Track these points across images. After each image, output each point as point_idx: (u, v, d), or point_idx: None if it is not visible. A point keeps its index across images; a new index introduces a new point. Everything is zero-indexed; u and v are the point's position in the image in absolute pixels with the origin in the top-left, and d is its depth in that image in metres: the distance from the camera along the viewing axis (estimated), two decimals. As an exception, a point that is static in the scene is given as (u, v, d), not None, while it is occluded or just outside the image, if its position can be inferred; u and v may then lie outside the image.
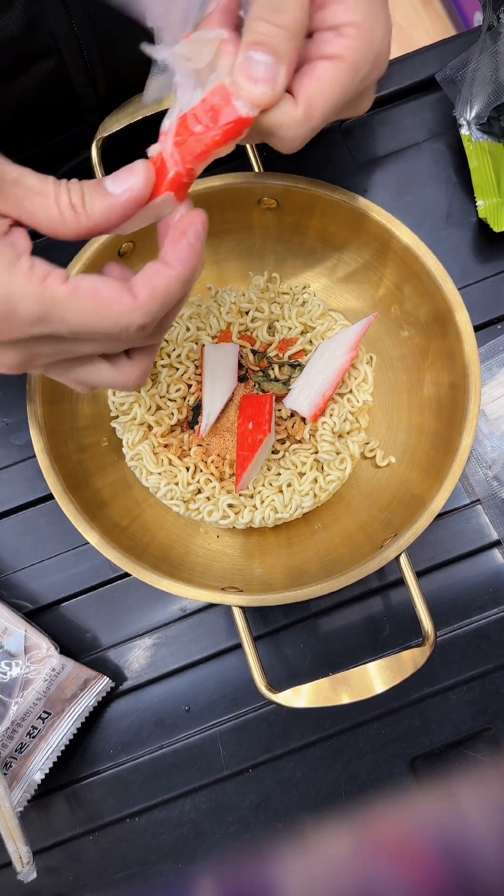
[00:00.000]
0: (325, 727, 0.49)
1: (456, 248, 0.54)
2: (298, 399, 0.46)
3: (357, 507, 0.48)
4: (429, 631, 0.40)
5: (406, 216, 0.54)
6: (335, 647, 0.50)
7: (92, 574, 0.51)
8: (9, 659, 0.47)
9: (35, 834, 0.48)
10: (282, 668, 0.50)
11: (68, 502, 0.41)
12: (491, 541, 0.51)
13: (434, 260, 0.43)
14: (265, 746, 0.49)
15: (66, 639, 0.50)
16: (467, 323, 0.42)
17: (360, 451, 0.49)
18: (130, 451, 0.48)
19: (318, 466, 0.48)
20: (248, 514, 0.47)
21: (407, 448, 0.48)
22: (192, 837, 0.48)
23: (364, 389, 0.50)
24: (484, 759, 0.48)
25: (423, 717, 0.49)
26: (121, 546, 0.41)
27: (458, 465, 0.41)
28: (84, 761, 0.49)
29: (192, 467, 0.47)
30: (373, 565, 0.40)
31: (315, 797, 0.49)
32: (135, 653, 0.50)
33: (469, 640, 0.50)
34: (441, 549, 0.51)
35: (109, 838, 0.49)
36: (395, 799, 0.48)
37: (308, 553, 0.47)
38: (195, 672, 0.50)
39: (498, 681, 0.49)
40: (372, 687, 0.39)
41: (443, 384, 0.45)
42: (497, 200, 0.52)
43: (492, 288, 0.53)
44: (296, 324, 0.49)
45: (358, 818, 0.48)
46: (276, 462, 0.48)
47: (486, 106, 0.52)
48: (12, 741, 0.46)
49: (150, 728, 0.50)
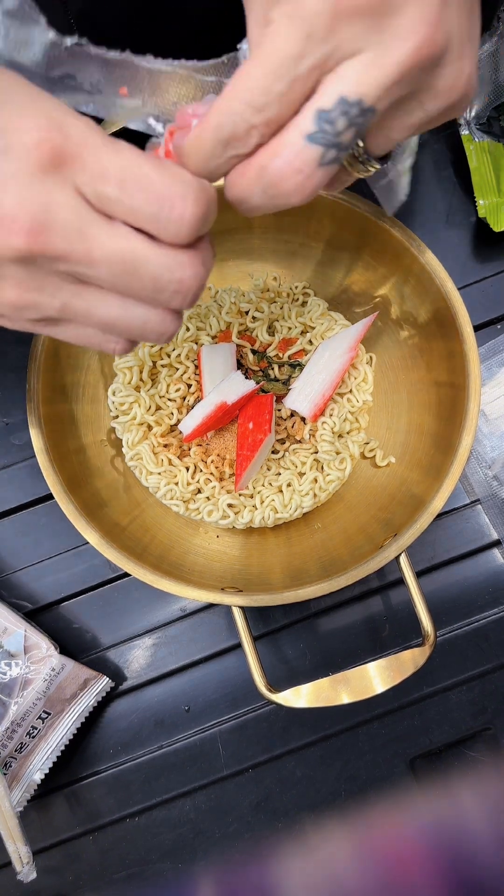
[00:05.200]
0: (325, 727, 0.49)
1: (456, 247, 0.54)
2: (298, 399, 0.46)
3: (357, 507, 0.48)
4: (429, 631, 0.40)
5: (406, 216, 0.54)
6: (335, 647, 0.50)
7: (92, 574, 0.51)
8: (8, 659, 0.47)
9: (35, 834, 0.48)
10: (282, 668, 0.50)
11: (68, 502, 0.41)
12: (491, 540, 0.51)
13: (434, 259, 0.43)
14: (265, 746, 0.49)
15: (65, 639, 0.50)
16: (467, 323, 0.42)
17: (359, 451, 0.49)
18: (130, 451, 0.48)
19: (317, 466, 0.48)
20: (248, 514, 0.47)
21: (407, 448, 0.48)
22: (192, 837, 0.48)
23: (364, 389, 0.50)
24: (483, 758, 0.48)
25: (422, 716, 0.49)
26: (120, 546, 0.41)
27: (458, 465, 0.41)
28: (84, 761, 0.49)
29: (192, 467, 0.47)
30: (373, 565, 0.40)
31: (315, 797, 0.49)
32: (134, 653, 0.50)
33: (469, 639, 0.50)
34: (441, 548, 0.51)
35: (109, 838, 0.49)
36: (395, 799, 0.48)
37: (308, 553, 0.47)
38: (195, 672, 0.50)
39: (498, 681, 0.49)
40: (372, 687, 0.39)
41: (442, 384, 0.45)
42: (497, 200, 0.52)
43: (491, 288, 0.53)
44: (295, 324, 0.49)
45: (358, 818, 0.48)
46: (276, 462, 0.48)
47: (486, 106, 0.52)
48: (12, 741, 0.46)
49: (149, 728, 0.50)
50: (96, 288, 0.25)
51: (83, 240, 0.23)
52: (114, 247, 0.24)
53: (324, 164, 0.24)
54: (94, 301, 0.25)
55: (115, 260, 0.24)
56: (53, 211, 0.23)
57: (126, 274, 0.24)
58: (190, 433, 0.44)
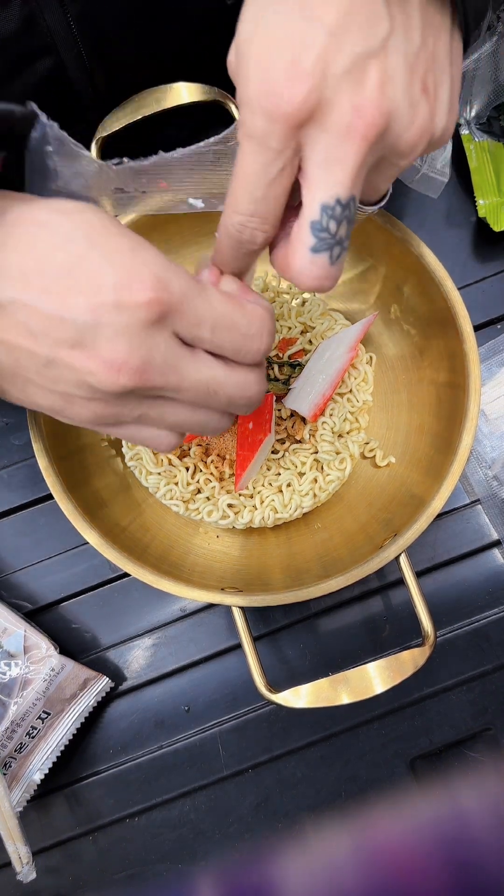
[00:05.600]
0: (325, 727, 0.49)
1: (456, 247, 0.54)
2: (298, 399, 0.46)
3: (357, 507, 0.48)
4: (429, 631, 0.40)
5: (406, 216, 0.54)
6: (335, 648, 0.50)
7: (91, 574, 0.51)
8: (8, 659, 0.47)
9: (34, 834, 0.48)
10: (282, 669, 0.50)
11: (68, 502, 0.41)
12: (491, 541, 0.51)
13: (434, 259, 0.43)
14: (265, 747, 0.49)
15: (65, 639, 0.50)
16: (467, 322, 0.42)
17: (359, 451, 0.49)
18: (130, 451, 0.48)
19: (317, 466, 0.48)
20: (248, 514, 0.47)
21: (407, 448, 0.48)
22: (192, 838, 0.48)
23: (364, 389, 0.49)
24: (484, 759, 0.48)
25: (422, 717, 0.49)
26: (120, 546, 0.41)
27: (458, 465, 0.41)
28: (83, 761, 0.49)
29: (192, 467, 0.47)
30: (373, 565, 0.40)
31: (315, 797, 0.49)
32: (134, 653, 0.50)
33: (469, 640, 0.50)
34: (441, 549, 0.51)
35: (109, 838, 0.49)
36: (395, 799, 0.48)
37: (308, 553, 0.47)
38: (195, 672, 0.50)
39: (498, 681, 0.49)
40: (372, 687, 0.39)
41: (443, 384, 0.45)
42: (497, 200, 0.52)
43: (492, 287, 0.53)
44: (295, 323, 0.49)
45: (358, 818, 0.48)
46: (276, 462, 0.48)
47: (486, 106, 0.52)
48: (12, 741, 0.46)
49: (149, 728, 0.50)
50: (171, 399, 0.29)
51: (175, 372, 0.27)
52: (199, 376, 0.28)
53: (334, 262, 0.28)
54: (167, 410, 0.29)
55: (200, 387, 0.28)
56: (155, 354, 0.26)
57: (207, 396, 0.29)
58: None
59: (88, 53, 0.41)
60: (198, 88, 0.41)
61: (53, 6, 0.38)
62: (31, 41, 0.39)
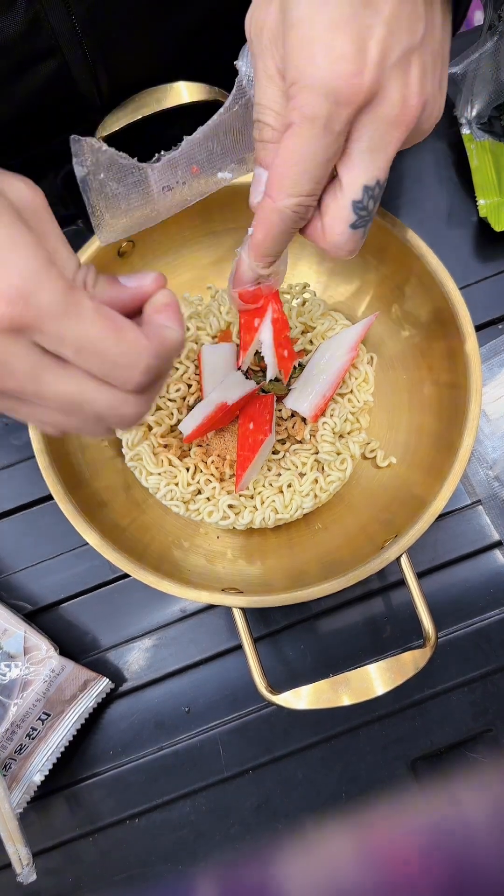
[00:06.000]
0: (326, 728, 0.49)
1: (457, 247, 0.54)
2: (299, 399, 0.46)
3: (358, 507, 0.48)
4: (430, 632, 0.40)
5: (407, 215, 0.54)
6: (336, 649, 0.49)
7: (92, 575, 0.51)
8: (8, 660, 0.47)
9: (35, 835, 0.48)
10: (282, 670, 0.49)
11: (68, 503, 0.41)
12: (492, 541, 0.50)
13: (435, 259, 0.43)
14: (265, 748, 0.49)
15: (65, 640, 0.50)
16: (468, 322, 0.42)
17: (360, 452, 0.49)
18: (130, 452, 0.48)
19: (318, 467, 0.48)
20: (249, 514, 0.46)
21: (408, 448, 0.48)
22: (193, 839, 0.48)
23: (365, 389, 0.49)
24: (484, 760, 0.48)
25: (423, 718, 0.49)
26: (121, 547, 0.41)
27: (460, 466, 0.41)
28: (84, 763, 0.49)
29: (192, 468, 0.47)
30: (373, 566, 0.40)
31: (316, 798, 0.48)
32: (134, 654, 0.50)
33: (470, 641, 0.49)
34: (442, 549, 0.50)
35: (109, 840, 0.48)
36: (396, 800, 0.48)
37: (308, 554, 0.46)
38: (195, 673, 0.50)
39: (499, 682, 0.49)
40: (372, 688, 0.39)
41: (443, 384, 0.45)
42: (498, 200, 0.52)
43: (493, 287, 0.53)
44: (296, 324, 0.49)
45: (359, 819, 0.48)
46: (277, 462, 0.48)
47: (486, 105, 0.52)
48: (12, 742, 0.46)
49: (149, 729, 0.49)
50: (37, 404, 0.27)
51: (33, 382, 0.26)
52: (63, 388, 0.26)
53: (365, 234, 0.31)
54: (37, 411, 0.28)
55: (64, 399, 0.27)
56: (10, 360, 0.25)
57: (73, 407, 0.27)
58: (190, 433, 0.44)
59: (92, 54, 0.41)
60: (198, 88, 0.41)
61: (58, 8, 0.38)
62: (35, 43, 0.39)
